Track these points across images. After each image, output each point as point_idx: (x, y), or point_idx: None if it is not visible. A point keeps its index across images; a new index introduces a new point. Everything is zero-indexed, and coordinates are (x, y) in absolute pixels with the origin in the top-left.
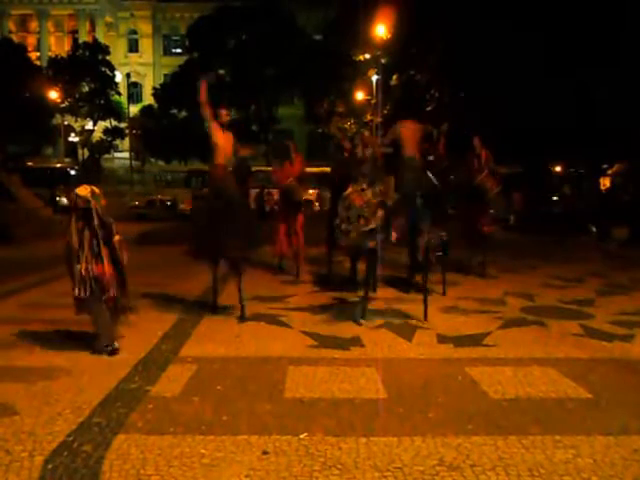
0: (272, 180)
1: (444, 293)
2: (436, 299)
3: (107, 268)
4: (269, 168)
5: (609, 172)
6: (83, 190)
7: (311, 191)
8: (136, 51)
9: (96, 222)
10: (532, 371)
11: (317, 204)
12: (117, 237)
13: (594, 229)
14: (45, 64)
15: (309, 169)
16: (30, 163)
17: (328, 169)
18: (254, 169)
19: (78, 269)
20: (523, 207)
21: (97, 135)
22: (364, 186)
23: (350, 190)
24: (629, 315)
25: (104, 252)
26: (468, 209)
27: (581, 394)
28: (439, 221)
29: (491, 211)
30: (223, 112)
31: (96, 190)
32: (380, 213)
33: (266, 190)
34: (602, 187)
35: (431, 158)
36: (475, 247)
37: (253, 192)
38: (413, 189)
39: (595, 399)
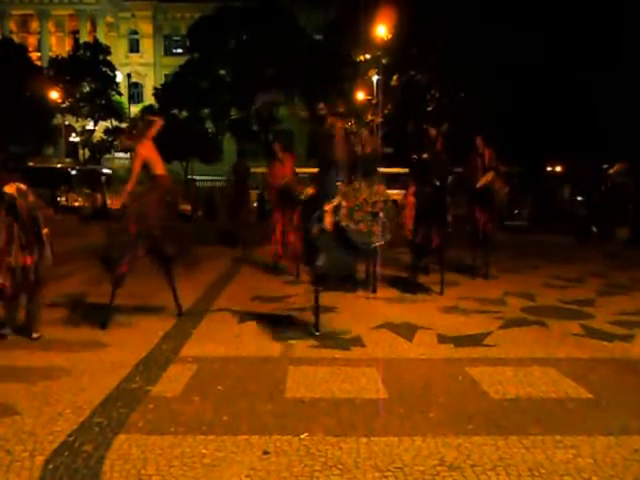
0: (266, 182)
1: (442, 292)
2: (436, 299)
3: (30, 259)
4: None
5: (610, 172)
6: (9, 188)
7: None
8: (137, 51)
9: (23, 217)
10: (533, 371)
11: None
12: (45, 230)
13: (595, 229)
14: (46, 64)
15: (308, 169)
16: (31, 163)
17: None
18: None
19: (7, 260)
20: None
21: (98, 135)
22: (357, 186)
23: (343, 190)
24: (629, 315)
25: (32, 244)
26: (474, 210)
27: (582, 394)
28: (439, 220)
29: (516, 212)
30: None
31: (22, 187)
32: (381, 213)
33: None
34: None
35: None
36: (479, 248)
37: (255, 192)
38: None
39: (596, 399)
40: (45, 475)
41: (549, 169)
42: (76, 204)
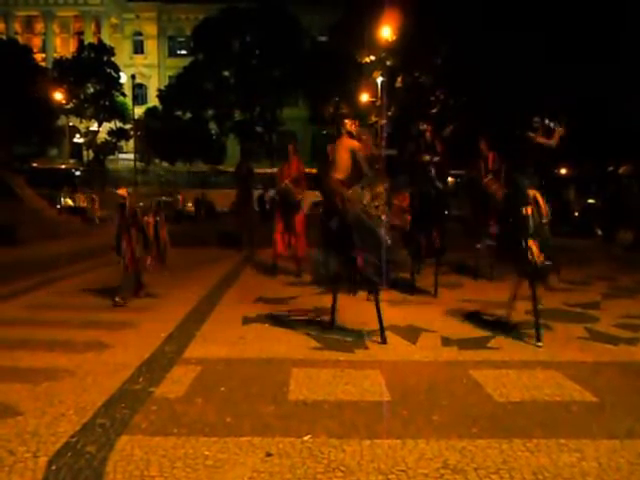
0: (274, 182)
1: (435, 294)
2: (440, 301)
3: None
4: (273, 169)
5: (620, 172)
6: (122, 191)
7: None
8: (141, 52)
9: (128, 212)
10: (537, 374)
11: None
12: (145, 218)
13: (599, 232)
14: (50, 65)
15: (310, 171)
16: (35, 164)
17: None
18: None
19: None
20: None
21: (102, 136)
22: (359, 189)
23: (349, 192)
24: (634, 318)
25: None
26: (475, 212)
27: (586, 397)
28: (438, 221)
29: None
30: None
31: (129, 190)
32: (383, 216)
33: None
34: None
35: (436, 159)
36: (481, 250)
37: (256, 193)
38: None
39: (600, 403)
40: (48, 476)
41: (554, 171)
42: (80, 205)
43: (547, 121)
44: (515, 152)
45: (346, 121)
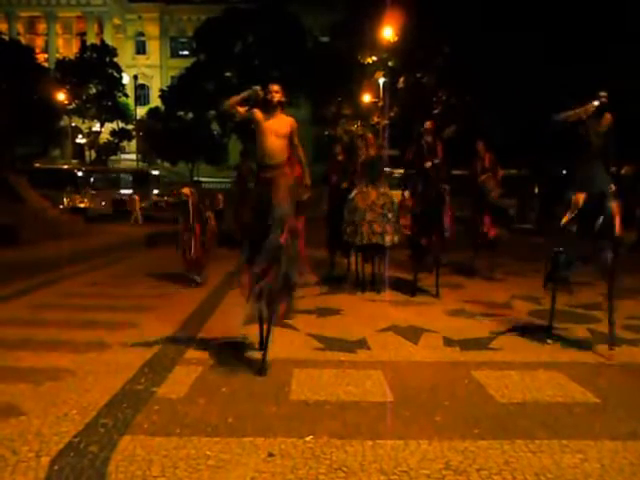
0: None
1: (437, 295)
2: (442, 302)
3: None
4: None
5: (622, 172)
6: (185, 190)
7: None
8: (143, 53)
9: (192, 209)
10: (539, 375)
11: None
12: (208, 213)
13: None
14: (53, 66)
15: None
16: (38, 164)
17: None
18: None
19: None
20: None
21: (104, 137)
22: (364, 188)
23: (355, 192)
24: (637, 319)
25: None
26: (472, 212)
27: (589, 399)
28: (436, 221)
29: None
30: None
31: (192, 189)
32: (390, 214)
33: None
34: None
35: (436, 162)
36: (478, 249)
37: None
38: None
39: (603, 404)
40: (51, 475)
41: (557, 171)
42: (81, 205)
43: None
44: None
45: (273, 87)
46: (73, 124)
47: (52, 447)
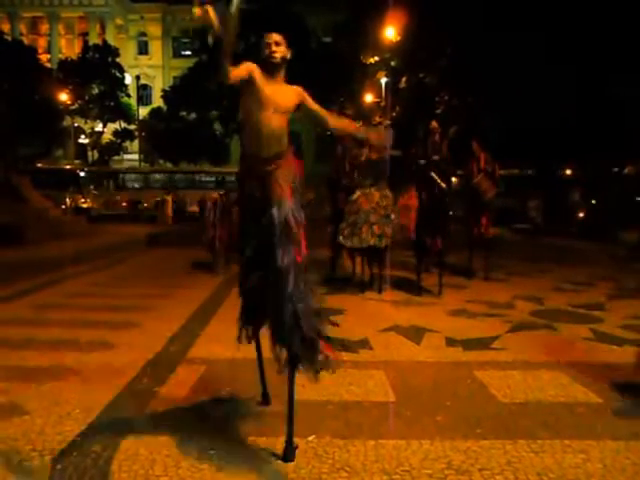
0: None
1: (439, 294)
2: (444, 302)
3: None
4: None
5: (624, 172)
6: (215, 194)
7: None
8: (146, 53)
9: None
10: (541, 375)
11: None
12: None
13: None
14: (55, 66)
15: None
16: (40, 165)
17: None
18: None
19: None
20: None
21: (107, 137)
22: (367, 190)
23: (358, 193)
24: (637, 319)
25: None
26: (467, 212)
27: (591, 399)
28: (442, 222)
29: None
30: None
31: (221, 193)
32: (393, 215)
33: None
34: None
35: (436, 158)
36: (475, 249)
37: None
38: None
39: (605, 404)
40: (53, 475)
41: (560, 171)
42: (84, 205)
43: None
44: None
45: (273, 36)
46: (75, 124)
47: (55, 446)
